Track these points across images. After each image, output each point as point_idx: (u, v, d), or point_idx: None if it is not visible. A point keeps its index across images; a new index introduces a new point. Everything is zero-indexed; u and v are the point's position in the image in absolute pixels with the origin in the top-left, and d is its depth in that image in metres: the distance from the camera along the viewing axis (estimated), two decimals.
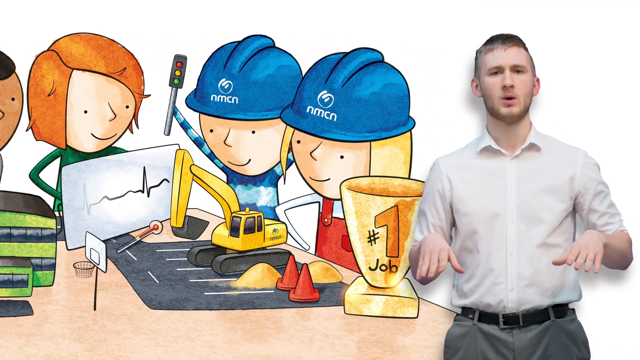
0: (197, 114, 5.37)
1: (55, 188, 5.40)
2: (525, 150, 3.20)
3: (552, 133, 3.30)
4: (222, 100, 5.18)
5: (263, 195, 5.37)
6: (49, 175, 5.45)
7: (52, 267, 4.03)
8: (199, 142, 5.45)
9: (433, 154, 3.39)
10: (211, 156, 5.43)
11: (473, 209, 3.21)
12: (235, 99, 5.16)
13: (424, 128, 4.85)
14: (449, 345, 3.27)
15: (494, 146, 3.21)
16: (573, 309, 3.25)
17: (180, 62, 5.42)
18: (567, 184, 3.17)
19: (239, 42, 5.25)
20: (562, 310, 3.20)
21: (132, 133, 5.50)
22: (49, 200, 5.34)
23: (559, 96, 4.52)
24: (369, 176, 4.42)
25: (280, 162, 5.16)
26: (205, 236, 4.73)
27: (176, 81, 5.44)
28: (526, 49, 3.22)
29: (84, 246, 3.94)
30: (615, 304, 4.35)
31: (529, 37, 3.29)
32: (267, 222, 4.50)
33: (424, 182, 3.81)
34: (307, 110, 4.79)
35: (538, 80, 3.25)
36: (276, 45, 5.28)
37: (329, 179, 4.90)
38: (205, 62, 5.31)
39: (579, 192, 3.18)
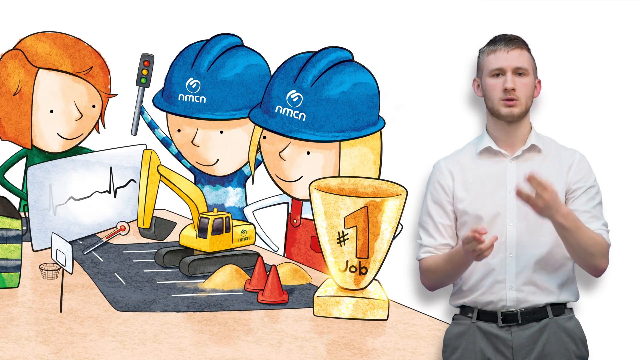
0: (165, 113, 5.34)
1: (20, 188, 5.35)
2: (526, 151, 3.25)
3: (552, 134, 3.33)
4: (189, 100, 5.15)
5: (231, 196, 5.34)
6: (14, 175, 5.40)
7: (18, 268, 3.99)
8: (166, 142, 5.42)
9: (403, 154, 3.38)
10: (179, 156, 5.40)
11: (474, 208, 3.24)
12: (203, 99, 5.13)
13: (394, 128, 4.84)
14: (448, 344, 3.31)
15: (495, 147, 3.26)
16: (571, 308, 3.29)
17: (147, 61, 5.39)
18: (564, 184, 3.21)
19: (207, 40, 5.22)
20: (560, 308, 3.24)
21: (99, 133, 5.46)
22: (15, 200, 5.29)
23: (559, 97, 4.52)
24: (339, 176, 4.40)
25: (248, 162, 5.14)
26: (172, 237, 4.70)
27: (143, 80, 5.40)
28: (529, 51, 3.25)
29: (50, 247, 3.90)
30: (613, 304, 4.37)
31: (526, 37, 3.30)
32: (235, 223, 4.48)
33: (394, 182, 3.83)
34: (276, 110, 4.76)
35: (540, 82, 3.29)
36: (244, 44, 5.26)
37: (297, 179, 4.88)
38: (173, 61, 5.28)
39: (568, 189, 3.20)
